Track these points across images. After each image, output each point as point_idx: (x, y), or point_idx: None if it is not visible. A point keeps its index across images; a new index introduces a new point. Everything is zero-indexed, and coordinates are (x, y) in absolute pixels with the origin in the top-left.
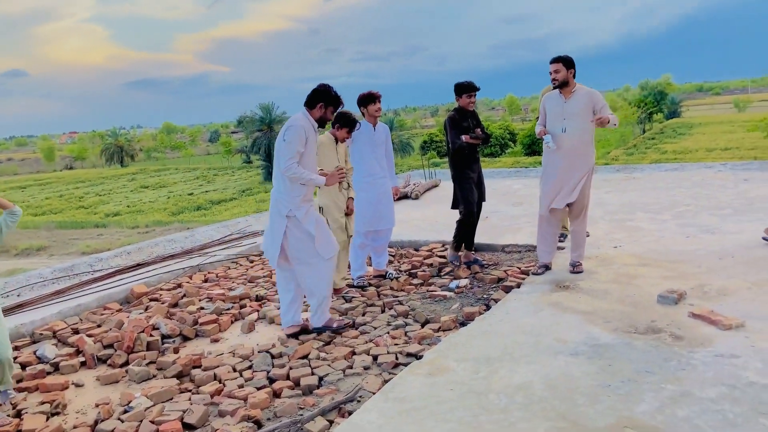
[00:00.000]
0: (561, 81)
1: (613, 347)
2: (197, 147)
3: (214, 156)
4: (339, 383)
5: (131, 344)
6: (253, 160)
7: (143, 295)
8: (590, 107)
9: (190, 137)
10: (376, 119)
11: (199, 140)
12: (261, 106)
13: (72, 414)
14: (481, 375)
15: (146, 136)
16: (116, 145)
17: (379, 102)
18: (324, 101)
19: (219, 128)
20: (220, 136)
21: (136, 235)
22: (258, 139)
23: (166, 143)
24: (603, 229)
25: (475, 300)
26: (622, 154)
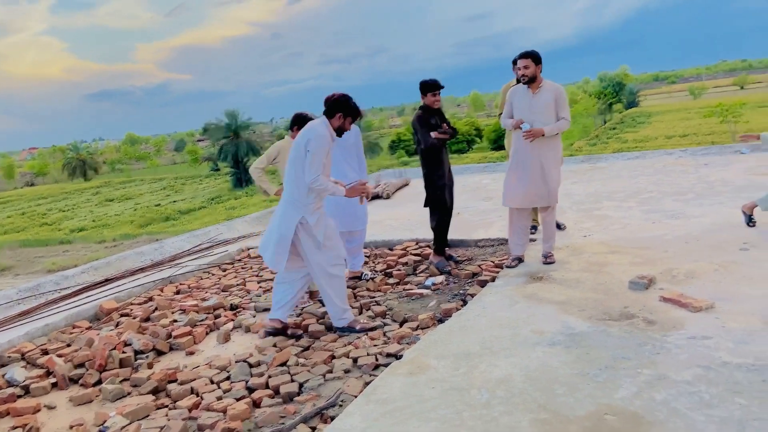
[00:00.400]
0: (530, 77)
1: (589, 335)
2: (162, 157)
3: (180, 165)
4: (320, 389)
5: (103, 362)
6: (221, 167)
7: (113, 311)
8: (555, 103)
9: (154, 147)
10: None
11: (164, 150)
12: (226, 113)
13: None
14: (462, 371)
15: (109, 149)
16: (78, 159)
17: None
18: (343, 111)
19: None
20: (185, 145)
21: (103, 249)
22: (225, 146)
23: (130, 154)
24: (572, 219)
25: (452, 296)
26: (585, 145)
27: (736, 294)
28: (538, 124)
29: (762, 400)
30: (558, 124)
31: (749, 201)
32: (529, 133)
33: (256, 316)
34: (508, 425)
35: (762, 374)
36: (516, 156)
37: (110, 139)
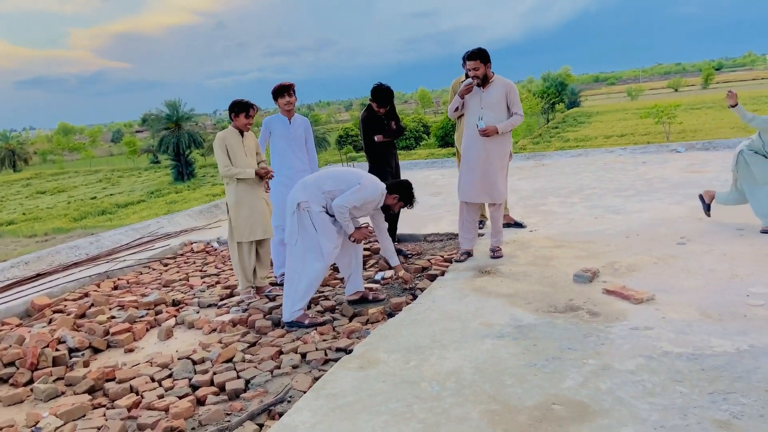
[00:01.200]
0: (481, 77)
1: (536, 327)
2: (98, 148)
3: (117, 157)
4: (267, 385)
5: (35, 361)
6: (161, 159)
7: (45, 307)
8: (506, 98)
9: (89, 138)
10: (291, 112)
11: (100, 141)
12: (167, 103)
13: None
14: (412, 364)
15: (40, 138)
16: (7, 148)
17: (290, 95)
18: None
19: (122, 127)
20: (123, 136)
21: (34, 244)
22: (165, 137)
23: (63, 145)
24: (518, 214)
25: (402, 290)
26: (529, 143)
27: (675, 286)
28: (488, 119)
29: (702, 388)
30: (511, 121)
31: (710, 189)
32: (484, 132)
33: (200, 312)
34: (459, 416)
35: (701, 363)
36: (466, 152)
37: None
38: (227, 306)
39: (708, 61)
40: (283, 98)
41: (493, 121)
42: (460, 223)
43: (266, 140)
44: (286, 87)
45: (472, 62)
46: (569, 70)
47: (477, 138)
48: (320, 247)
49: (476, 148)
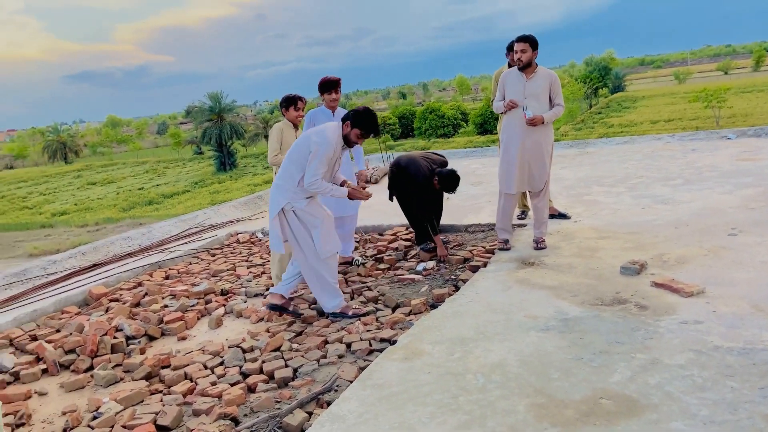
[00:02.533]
0: (526, 62)
1: (582, 320)
2: (145, 140)
3: (163, 148)
4: (314, 374)
5: (94, 348)
6: (204, 150)
7: (102, 296)
8: (549, 89)
9: (136, 130)
10: (335, 108)
11: (146, 133)
12: (210, 95)
13: (38, 424)
14: (457, 356)
15: (90, 131)
16: (58, 141)
17: (336, 92)
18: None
19: (167, 119)
20: (168, 128)
21: (85, 233)
22: (208, 129)
23: (112, 137)
24: (562, 204)
25: (443, 281)
26: (571, 130)
27: (725, 279)
28: (532, 109)
29: (753, 383)
30: (555, 111)
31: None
32: (532, 121)
33: (247, 302)
34: (505, 409)
35: (752, 358)
36: (510, 142)
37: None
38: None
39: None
40: (329, 94)
41: (536, 110)
42: (499, 212)
43: None
44: (333, 83)
45: (521, 44)
46: (613, 54)
47: (521, 127)
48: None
49: (521, 137)
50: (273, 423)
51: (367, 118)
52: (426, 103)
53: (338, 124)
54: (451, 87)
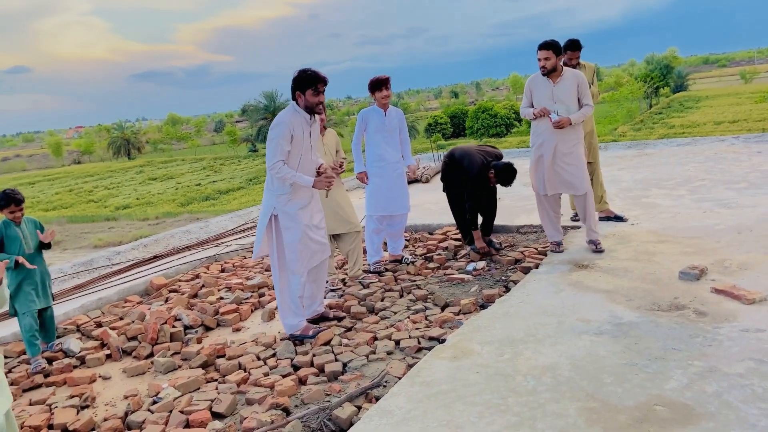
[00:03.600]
0: (550, 68)
1: (638, 325)
2: (202, 137)
3: (219, 146)
4: (363, 369)
5: (155, 336)
6: (259, 148)
7: (163, 286)
8: (577, 90)
9: (195, 128)
10: (386, 105)
11: (204, 130)
12: (264, 94)
13: (101, 406)
14: (506, 357)
15: (152, 128)
16: (122, 138)
17: (387, 89)
18: (299, 87)
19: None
20: (224, 126)
21: (146, 227)
22: (263, 127)
23: (172, 134)
24: (619, 206)
25: (494, 282)
26: (630, 130)
27: None
28: (562, 113)
29: None
30: (583, 111)
31: None
32: (558, 123)
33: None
34: (555, 412)
35: None
36: (539, 145)
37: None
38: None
39: None
40: (381, 92)
41: (566, 114)
42: (541, 216)
43: (362, 132)
44: (383, 81)
45: (544, 52)
46: (676, 52)
47: (549, 131)
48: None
49: (550, 140)
50: (323, 415)
51: (301, 74)
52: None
53: (291, 104)
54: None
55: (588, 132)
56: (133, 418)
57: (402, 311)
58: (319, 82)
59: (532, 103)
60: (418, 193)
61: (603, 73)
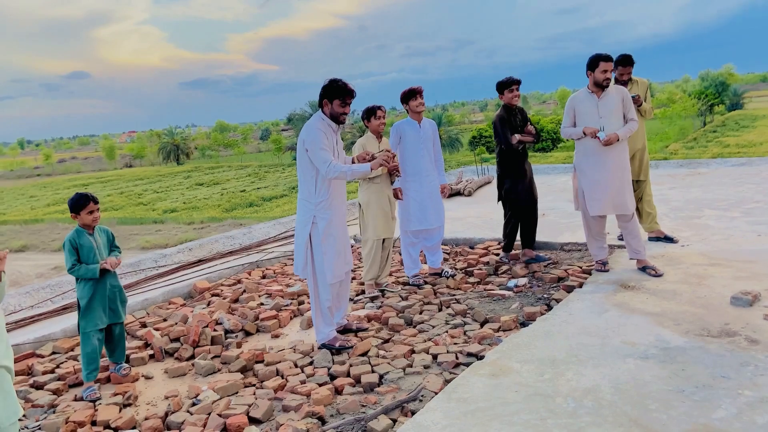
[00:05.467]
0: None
1: (685, 351)
2: (249, 145)
3: (265, 153)
4: (400, 381)
5: (196, 338)
6: None
7: (205, 290)
8: (622, 104)
9: (242, 135)
10: (420, 115)
11: (251, 138)
12: (310, 104)
13: (143, 405)
14: (547, 377)
15: (200, 135)
16: (172, 143)
17: (421, 97)
18: (326, 96)
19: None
20: (270, 134)
21: (192, 231)
22: None
23: (219, 141)
24: (668, 227)
25: (536, 300)
26: (682, 148)
27: None
28: (609, 129)
29: None
30: (629, 127)
31: None
32: (607, 141)
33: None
34: None
35: None
36: (588, 166)
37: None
38: (362, 301)
39: None
40: (415, 100)
41: (612, 129)
42: (587, 234)
43: (397, 144)
44: (416, 90)
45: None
46: (732, 69)
47: (597, 149)
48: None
49: (598, 159)
50: (358, 426)
51: (332, 84)
52: None
53: (317, 112)
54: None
55: (640, 149)
56: (173, 419)
57: (440, 325)
58: (347, 95)
59: (574, 122)
60: (460, 206)
61: (655, 89)
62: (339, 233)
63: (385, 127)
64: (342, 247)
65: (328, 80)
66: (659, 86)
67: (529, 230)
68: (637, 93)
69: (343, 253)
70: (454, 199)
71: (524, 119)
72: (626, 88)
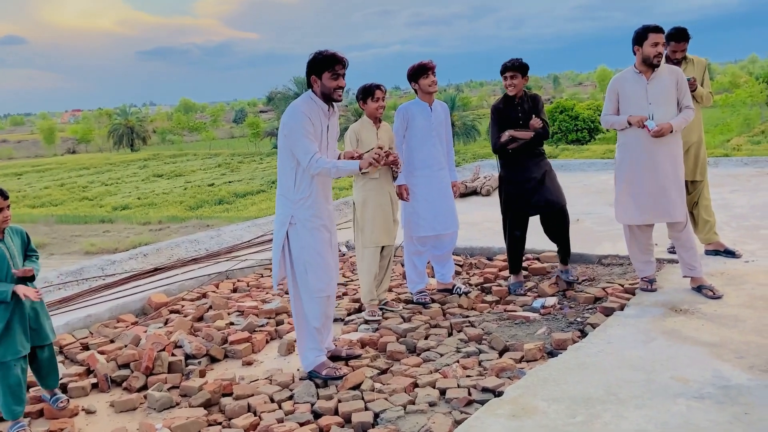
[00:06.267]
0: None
1: (750, 390)
2: (219, 129)
3: (239, 140)
4: (399, 422)
5: (150, 365)
6: None
7: (163, 305)
8: (676, 88)
9: (211, 117)
10: (432, 96)
11: (222, 120)
12: (296, 81)
13: None
14: (579, 420)
15: (160, 116)
16: (126, 125)
17: (433, 74)
18: (314, 71)
19: (245, 106)
20: (246, 116)
21: (147, 232)
22: None
23: (184, 124)
24: (730, 238)
25: (567, 324)
26: (746, 142)
27: None
28: (659, 117)
29: None
30: (684, 115)
31: None
32: (658, 132)
33: None
34: None
35: None
36: (630, 161)
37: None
38: (355, 323)
39: None
40: (427, 78)
41: (664, 118)
42: (629, 246)
43: (403, 131)
44: (428, 66)
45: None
46: None
47: (644, 142)
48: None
49: (643, 154)
50: None
51: (317, 55)
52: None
53: (306, 92)
54: (589, 81)
55: (695, 142)
56: None
57: (450, 353)
58: (336, 64)
59: (618, 109)
60: (476, 208)
61: (716, 70)
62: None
63: (385, 110)
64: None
65: (313, 53)
66: (720, 67)
67: (559, 242)
68: (693, 75)
69: (330, 261)
70: (468, 199)
71: (533, 109)
72: (680, 69)
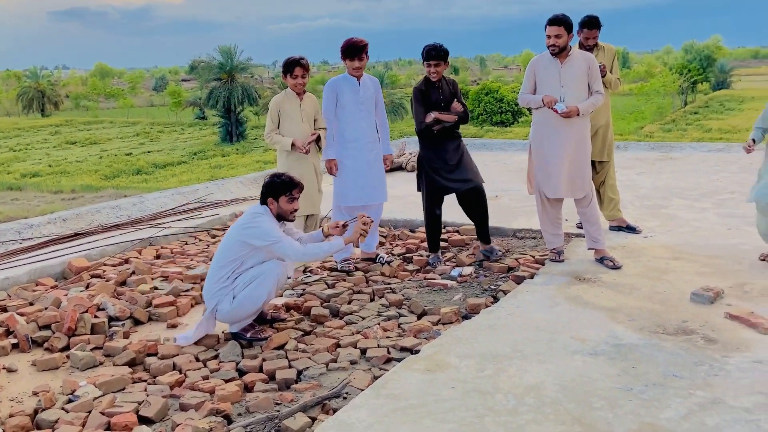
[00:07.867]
0: (562, 46)
1: (638, 348)
2: (138, 96)
3: (159, 108)
4: (321, 378)
5: (73, 326)
6: (208, 115)
7: (83, 270)
8: (587, 73)
9: (129, 84)
10: (361, 71)
11: (141, 88)
12: (221, 49)
13: (5, 401)
14: (487, 373)
15: (74, 80)
16: (36, 89)
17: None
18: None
19: (167, 74)
20: (167, 84)
21: (59, 201)
22: (215, 89)
23: (99, 90)
24: (633, 216)
25: (481, 291)
26: (658, 130)
27: None
28: (570, 100)
29: None
30: (593, 100)
31: None
32: (566, 113)
33: None
34: None
35: None
36: (543, 140)
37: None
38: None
39: None
40: (353, 61)
41: (575, 101)
42: (541, 219)
43: (333, 105)
44: (359, 48)
45: (555, 28)
46: (720, 41)
47: (555, 122)
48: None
49: (556, 134)
50: (271, 425)
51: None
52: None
53: (264, 209)
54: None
55: (603, 125)
56: (44, 417)
57: (372, 317)
58: (294, 188)
59: (534, 89)
60: (400, 182)
61: (633, 59)
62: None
63: (315, 84)
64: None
65: (269, 176)
66: (637, 56)
67: (477, 220)
68: (603, 62)
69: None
70: (393, 174)
71: (453, 94)
72: (593, 55)
